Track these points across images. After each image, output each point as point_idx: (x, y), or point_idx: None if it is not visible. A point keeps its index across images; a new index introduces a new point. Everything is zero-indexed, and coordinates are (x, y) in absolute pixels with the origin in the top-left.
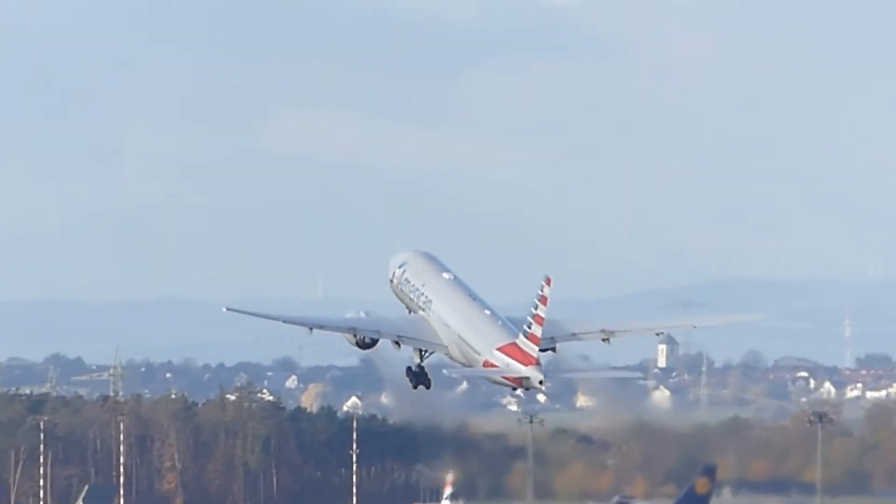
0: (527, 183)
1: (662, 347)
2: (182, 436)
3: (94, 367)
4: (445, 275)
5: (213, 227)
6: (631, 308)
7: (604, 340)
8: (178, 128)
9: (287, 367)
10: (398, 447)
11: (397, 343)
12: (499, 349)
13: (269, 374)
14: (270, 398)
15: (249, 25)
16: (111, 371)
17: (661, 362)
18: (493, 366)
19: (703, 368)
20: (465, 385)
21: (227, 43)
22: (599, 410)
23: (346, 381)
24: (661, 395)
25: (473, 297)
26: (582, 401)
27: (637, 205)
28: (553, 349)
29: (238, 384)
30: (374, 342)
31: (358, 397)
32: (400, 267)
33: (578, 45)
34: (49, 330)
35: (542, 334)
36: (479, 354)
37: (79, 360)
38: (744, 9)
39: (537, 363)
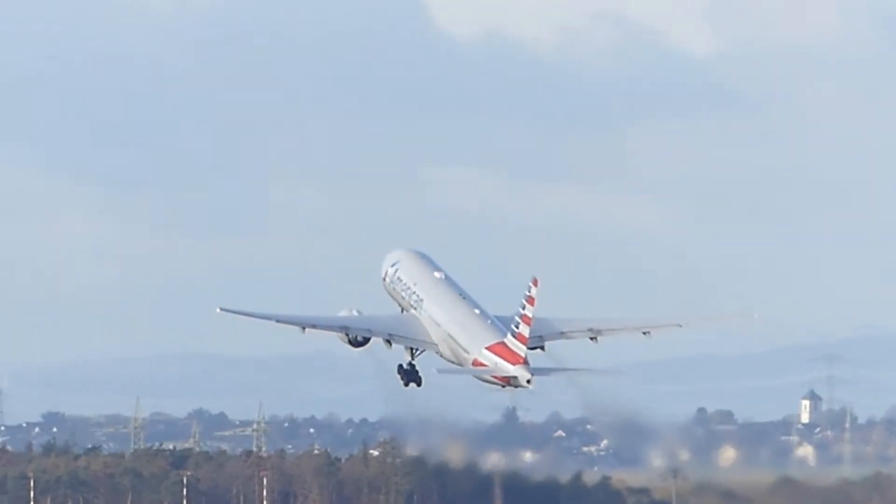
0: (672, 237)
1: (805, 403)
2: (325, 491)
3: (237, 423)
4: (437, 274)
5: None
6: (775, 364)
7: (592, 339)
8: (324, 187)
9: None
10: (541, 503)
11: (388, 342)
12: (487, 348)
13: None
14: (413, 453)
15: (400, 82)
16: (254, 426)
17: (805, 418)
18: (482, 364)
19: (847, 424)
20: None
21: (378, 99)
22: (742, 465)
23: (488, 435)
24: (805, 451)
25: (464, 296)
26: (725, 456)
27: (783, 261)
28: (542, 348)
29: (381, 439)
30: (366, 340)
31: (500, 452)
32: (392, 266)
33: (725, 101)
34: (192, 384)
35: (531, 333)
36: (468, 353)
37: (222, 415)
38: None
39: (525, 362)
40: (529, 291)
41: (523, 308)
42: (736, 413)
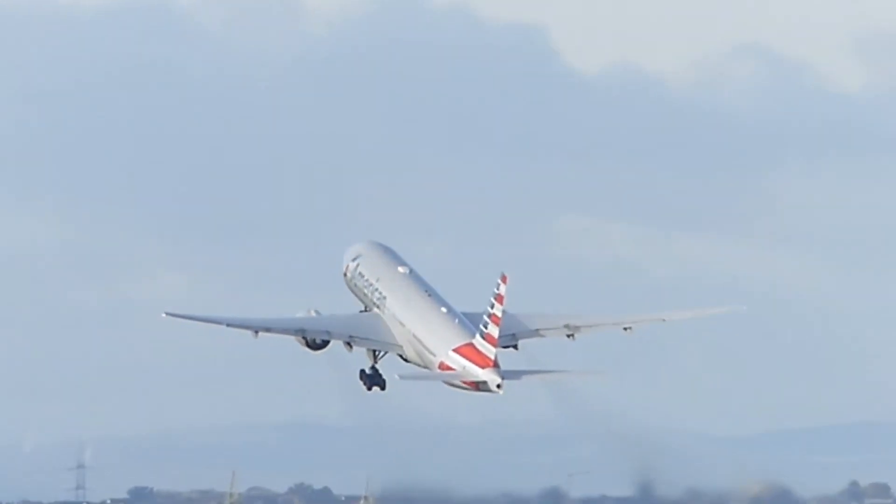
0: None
1: None
2: None
3: (342, 498)
4: (401, 268)
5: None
6: (842, 440)
7: (568, 336)
8: (449, 237)
9: (554, 497)
10: None
11: (349, 345)
12: (455, 350)
13: None
14: None
15: (522, 122)
16: (361, 502)
17: None
18: (448, 368)
19: None
20: None
21: (499, 142)
22: None
23: None
24: None
25: (430, 292)
26: None
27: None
28: (515, 346)
29: None
30: (325, 343)
31: None
32: (354, 260)
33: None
34: (294, 457)
35: (504, 330)
36: (434, 356)
37: (326, 489)
38: None
39: (495, 365)
40: (498, 289)
41: (492, 307)
42: (893, 487)
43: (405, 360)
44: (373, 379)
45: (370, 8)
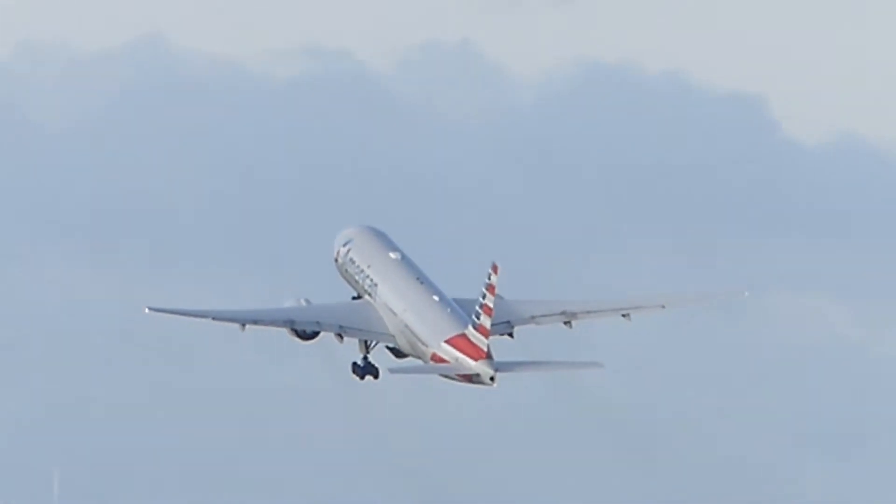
0: None
1: None
2: None
3: None
4: (392, 254)
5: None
6: None
7: (565, 324)
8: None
9: None
10: None
11: (340, 336)
12: (447, 341)
13: None
14: None
15: (738, 198)
16: None
17: None
18: (441, 360)
19: None
20: None
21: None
22: None
23: None
24: None
25: (422, 279)
26: None
27: None
28: (510, 334)
29: None
30: (315, 333)
31: None
32: (345, 245)
33: None
34: None
35: (498, 318)
36: (426, 346)
37: None
38: None
39: (488, 356)
40: (489, 279)
41: (484, 297)
42: None
43: (396, 353)
44: (365, 369)
45: (577, 74)
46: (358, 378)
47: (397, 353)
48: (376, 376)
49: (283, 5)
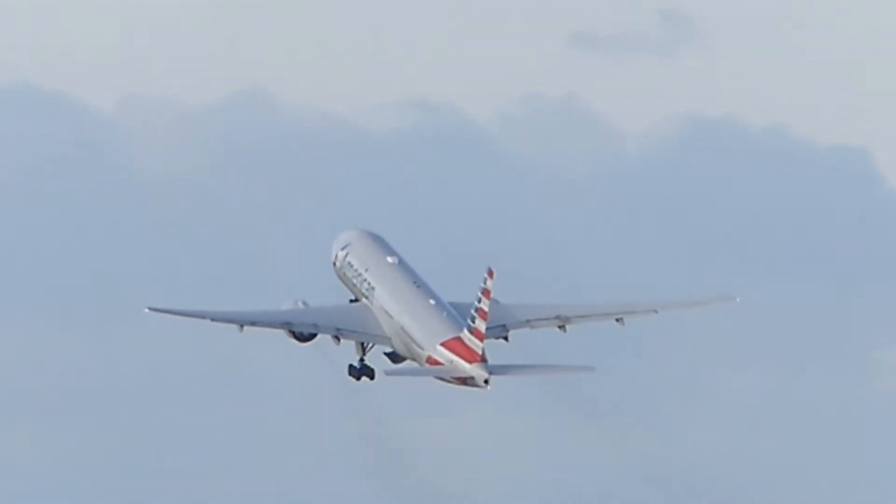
0: None
1: None
2: None
3: None
4: (390, 258)
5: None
6: None
7: (560, 328)
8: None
9: None
10: None
11: (337, 338)
12: (442, 344)
13: None
14: None
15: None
16: None
17: None
18: (436, 363)
19: None
20: None
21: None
22: None
23: None
24: None
25: (418, 283)
26: None
27: None
28: (505, 338)
29: None
30: (312, 336)
31: None
32: (343, 249)
33: None
34: None
35: (494, 321)
36: (422, 349)
37: None
38: None
39: (483, 360)
40: (485, 283)
41: (479, 301)
42: None
43: (392, 358)
44: (361, 371)
45: (680, 128)
46: (354, 379)
47: (394, 358)
48: (372, 378)
49: (387, 59)
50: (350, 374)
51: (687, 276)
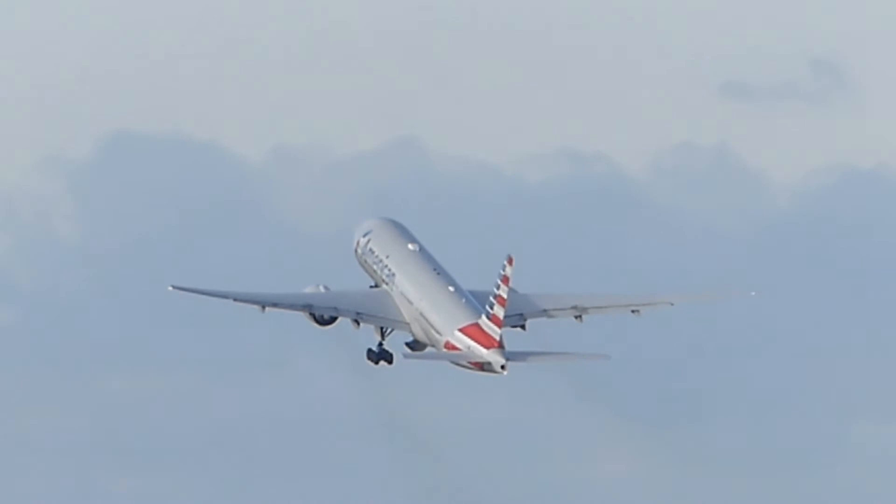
0: None
1: None
2: None
3: None
4: (411, 246)
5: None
6: None
7: (576, 318)
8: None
9: None
10: None
11: (356, 322)
12: (460, 330)
13: None
14: None
15: None
16: None
17: None
18: (454, 348)
19: None
20: None
21: None
22: None
23: None
24: None
25: (438, 270)
26: None
27: None
28: (523, 326)
29: None
30: (332, 319)
31: None
32: (364, 236)
33: None
34: None
35: (512, 310)
36: (440, 335)
37: None
38: None
39: (500, 346)
40: (504, 270)
41: (497, 288)
42: None
43: (412, 347)
44: (380, 355)
45: (833, 178)
46: (373, 363)
47: (414, 347)
48: (390, 362)
49: (539, 109)
50: (369, 358)
51: (849, 330)
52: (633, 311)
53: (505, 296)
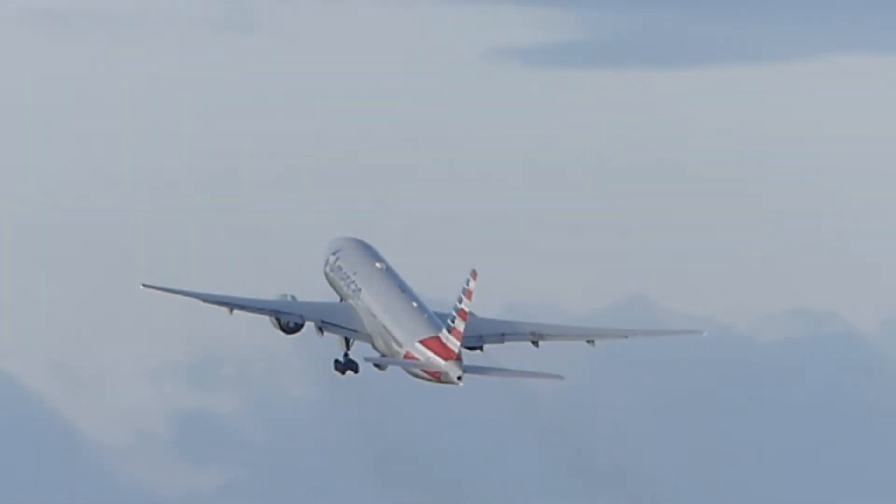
0: None
1: None
2: None
3: None
4: (378, 264)
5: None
6: None
7: (533, 343)
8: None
9: None
10: None
11: (321, 330)
12: (420, 342)
13: None
14: None
15: None
16: None
17: None
18: (413, 358)
19: None
20: None
21: None
22: None
23: None
24: None
25: (403, 287)
26: None
27: None
28: (480, 348)
29: None
30: (298, 327)
31: None
32: (334, 254)
33: None
34: None
35: (470, 333)
36: (400, 347)
37: None
38: None
39: (458, 359)
40: (468, 285)
41: (460, 301)
42: None
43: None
44: (346, 365)
45: None
46: (339, 373)
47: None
48: (356, 371)
49: (771, 268)
50: (336, 368)
51: None
52: (588, 342)
53: (467, 310)
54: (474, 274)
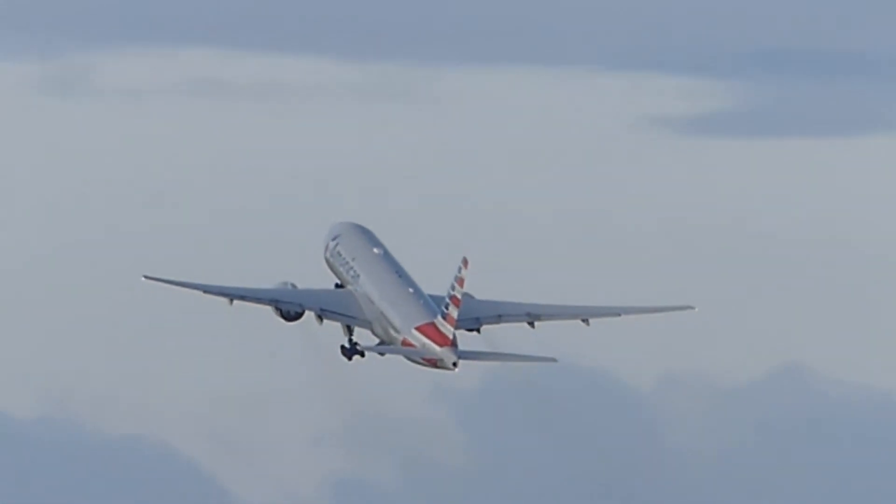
0: None
1: None
2: None
3: None
4: (376, 249)
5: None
6: None
7: (529, 324)
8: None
9: None
10: None
11: (320, 318)
12: (417, 328)
13: None
14: None
15: None
16: None
17: None
18: (410, 345)
19: None
20: None
21: None
22: None
23: None
24: None
25: (400, 273)
26: None
27: None
28: (478, 330)
29: None
30: (298, 315)
31: None
32: (333, 239)
33: None
34: None
35: (467, 314)
36: (398, 333)
37: None
38: None
39: (453, 345)
40: (459, 272)
41: (453, 289)
42: None
43: (374, 335)
44: (352, 351)
45: None
46: (346, 359)
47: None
48: (363, 355)
49: None
50: (342, 353)
51: None
52: (583, 321)
53: (460, 297)
54: (466, 262)
